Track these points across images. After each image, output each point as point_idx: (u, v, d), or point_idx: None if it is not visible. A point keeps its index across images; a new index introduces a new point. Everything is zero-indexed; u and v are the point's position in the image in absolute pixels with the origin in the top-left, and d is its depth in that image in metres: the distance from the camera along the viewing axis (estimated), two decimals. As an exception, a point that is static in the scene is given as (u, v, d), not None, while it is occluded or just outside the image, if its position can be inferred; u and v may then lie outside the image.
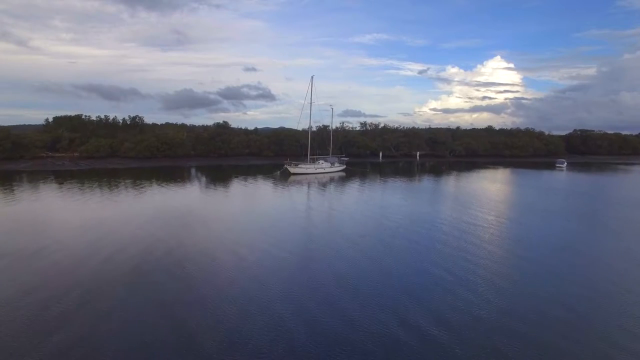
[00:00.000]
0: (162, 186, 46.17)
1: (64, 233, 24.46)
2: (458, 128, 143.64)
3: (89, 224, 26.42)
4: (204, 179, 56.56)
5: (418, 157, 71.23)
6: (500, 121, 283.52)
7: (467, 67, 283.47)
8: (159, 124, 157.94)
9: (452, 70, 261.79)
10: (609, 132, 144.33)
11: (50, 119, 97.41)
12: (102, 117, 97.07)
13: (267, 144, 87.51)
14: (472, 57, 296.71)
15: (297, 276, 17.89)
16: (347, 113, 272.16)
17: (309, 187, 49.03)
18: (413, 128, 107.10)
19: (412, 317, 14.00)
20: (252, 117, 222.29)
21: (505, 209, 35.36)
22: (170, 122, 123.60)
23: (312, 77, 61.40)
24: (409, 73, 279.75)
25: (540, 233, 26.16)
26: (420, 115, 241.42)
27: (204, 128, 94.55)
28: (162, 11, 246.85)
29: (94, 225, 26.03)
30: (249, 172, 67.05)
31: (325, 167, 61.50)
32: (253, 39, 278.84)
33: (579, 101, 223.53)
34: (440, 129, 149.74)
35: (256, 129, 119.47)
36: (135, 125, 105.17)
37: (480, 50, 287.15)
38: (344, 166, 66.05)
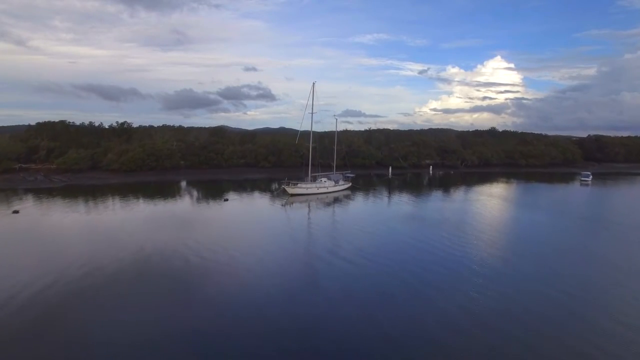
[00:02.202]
0: (143, 211, 39.05)
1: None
2: (467, 132, 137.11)
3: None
4: (191, 199, 49.52)
5: (431, 171, 64.19)
6: (500, 121, 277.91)
7: (468, 67, 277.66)
8: (156, 126, 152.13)
9: (453, 71, 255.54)
10: (614, 134, 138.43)
11: (36, 125, 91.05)
12: (87, 123, 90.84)
13: (264, 154, 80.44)
14: (472, 57, 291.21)
15: None
16: (347, 113, 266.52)
17: (308, 214, 42.01)
18: (421, 135, 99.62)
19: None
20: (252, 117, 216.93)
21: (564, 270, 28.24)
22: (168, 124, 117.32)
23: (313, 83, 54.42)
24: (409, 73, 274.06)
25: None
26: (421, 115, 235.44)
27: (196, 137, 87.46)
28: (161, 11, 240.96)
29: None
30: (243, 187, 60.14)
31: (328, 186, 54.16)
32: (253, 39, 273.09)
33: (579, 101, 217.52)
34: (449, 132, 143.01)
35: (254, 136, 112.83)
36: (124, 131, 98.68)
37: (480, 50, 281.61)
38: (350, 184, 58.68)
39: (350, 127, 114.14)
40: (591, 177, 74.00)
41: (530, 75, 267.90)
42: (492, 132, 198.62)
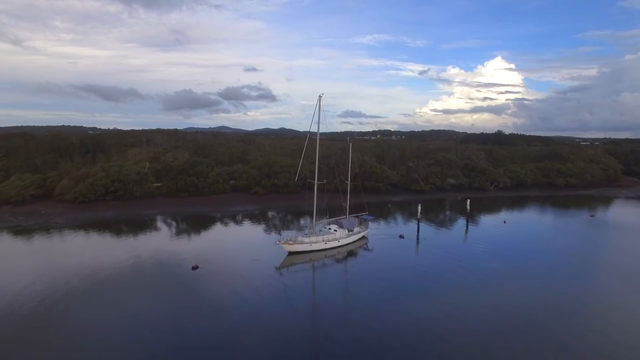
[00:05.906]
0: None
1: None
2: (473, 134, 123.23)
3: None
4: (144, 265, 35.39)
5: (469, 206, 50.75)
6: (501, 122, 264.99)
7: (468, 68, 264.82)
8: (149, 129, 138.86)
9: (453, 71, 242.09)
10: (615, 135, 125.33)
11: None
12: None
13: (257, 177, 66.25)
14: (472, 58, 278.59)
15: None
16: (347, 114, 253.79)
17: (313, 298, 27.98)
18: (445, 154, 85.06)
19: None
20: (252, 117, 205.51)
21: None
22: (162, 127, 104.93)
23: (320, 96, 40.21)
24: (410, 74, 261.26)
25: None
26: (421, 116, 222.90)
27: (175, 156, 73.18)
28: (160, 9, 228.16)
29: None
30: (233, 220, 46.14)
31: (339, 237, 39.73)
32: (253, 40, 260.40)
33: (580, 102, 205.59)
34: (452, 134, 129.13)
35: (251, 142, 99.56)
36: (96, 145, 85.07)
37: (480, 50, 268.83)
38: (367, 229, 44.26)
39: (351, 128, 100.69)
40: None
41: (531, 75, 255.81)
42: (498, 135, 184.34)
